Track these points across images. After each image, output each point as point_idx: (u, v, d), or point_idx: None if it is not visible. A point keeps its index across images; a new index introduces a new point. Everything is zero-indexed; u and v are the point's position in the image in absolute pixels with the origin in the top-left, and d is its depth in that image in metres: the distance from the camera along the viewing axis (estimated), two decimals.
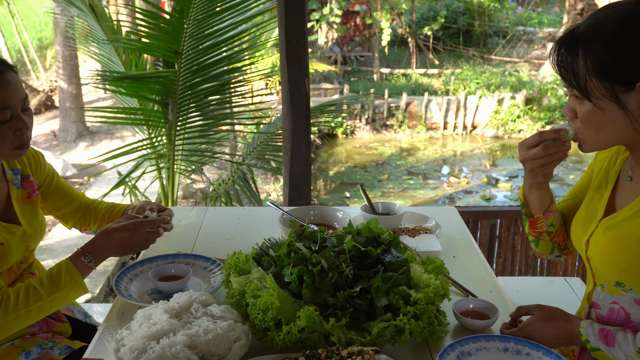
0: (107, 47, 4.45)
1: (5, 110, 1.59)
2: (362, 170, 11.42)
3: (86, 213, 2.08)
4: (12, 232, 1.73)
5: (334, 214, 2.18)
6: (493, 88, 14.01)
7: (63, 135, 11.27)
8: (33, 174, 1.89)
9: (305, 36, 3.54)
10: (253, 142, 4.98)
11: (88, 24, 4.53)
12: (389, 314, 1.43)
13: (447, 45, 18.08)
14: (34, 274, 1.88)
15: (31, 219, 1.83)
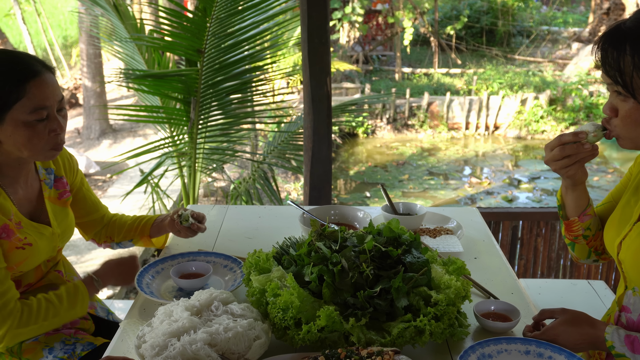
0: (131, 45, 4.49)
1: (42, 110, 1.61)
2: (382, 170, 11.39)
3: (109, 225, 2.08)
4: (41, 233, 1.76)
5: (355, 213, 2.18)
6: (516, 88, 13.87)
7: (87, 132, 11.40)
8: (66, 176, 1.92)
9: (327, 35, 3.53)
10: (274, 141, 4.99)
11: (112, 23, 4.58)
12: (409, 314, 1.43)
13: (470, 44, 17.94)
14: (59, 272, 1.91)
15: (62, 219, 1.86)
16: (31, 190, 1.79)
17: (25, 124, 1.60)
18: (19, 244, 1.69)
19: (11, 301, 1.62)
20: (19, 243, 1.68)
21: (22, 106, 1.58)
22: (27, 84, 1.58)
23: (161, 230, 2.02)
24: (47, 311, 1.66)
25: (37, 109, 1.60)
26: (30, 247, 1.71)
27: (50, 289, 1.83)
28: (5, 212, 1.66)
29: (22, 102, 1.58)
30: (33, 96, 1.59)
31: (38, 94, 1.60)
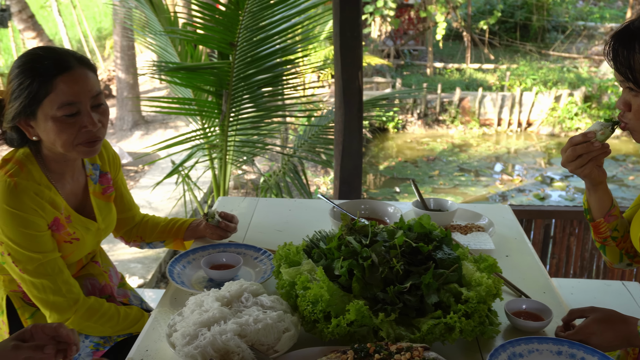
0: (164, 38, 4.54)
1: (71, 106, 1.61)
2: (412, 166, 11.32)
3: (140, 225, 2.11)
4: (88, 228, 1.80)
5: (385, 208, 2.17)
6: (550, 84, 13.64)
7: (119, 123, 11.57)
8: (111, 172, 1.95)
9: (359, 29, 3.52)
10: (304, 134, 5.00)
11: (145, 15, 4.62)
12: (439, 311, 1.42)
13: (504, 39, 17.69)
14: (97, 262, 1.95)
15: (106, 214, 1.90)
16: (77, 185, 1.83)
17: (54, 119, 1.61)
18: (68, 238, 1.73)
19: (75, 287, 1.71)
20: (67, 237, 1.73)
21: (51, 101, 1.59)
22: (55, 79, 1.59)
23: (195, 233, 2.04)
24: (111, 319, 1.77)
25: (65, 105, 1.60)
26: (78, 242, 1.75)
27: (88, 280, 1.87)
28: (56, 206, 1.70)
29: (50, 97, 1.59)
30: (61, 92, 1.59)
31: (66, 90, 1.60)
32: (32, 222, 1.63)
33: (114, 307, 1.80)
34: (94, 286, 1.89)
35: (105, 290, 1.92)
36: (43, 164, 1.71)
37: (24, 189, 1.62)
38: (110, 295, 1.92)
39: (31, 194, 1.63)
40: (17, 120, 1.63)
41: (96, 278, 1.91)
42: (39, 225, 1.65)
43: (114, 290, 1.96)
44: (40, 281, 1.66)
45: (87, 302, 1.73)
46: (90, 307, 1.73)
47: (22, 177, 1.64)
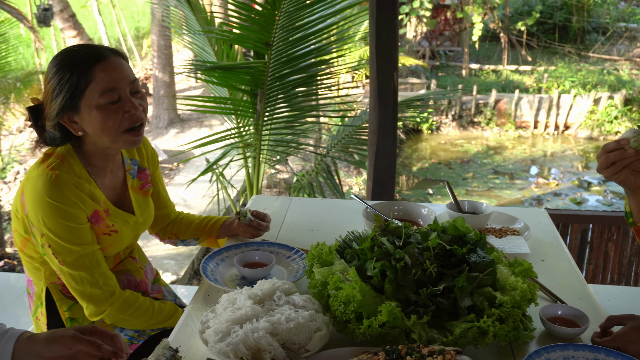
0: (201, 37, 4.58)
1: (112, 92, 1.65)
2: (446, 167, 11.23)
3: (175, 223, 2.14)
4: (126, 221, 1.83)
5: (419, 210, 2.15)
6: (589, 87, 13.38)
7: (155, 121, 11.73)
8: (149, 168, 1.98)
9: (396, 29, 3.50)
10: (338, 134, 5.00)
11: (184, 15, 4.68)
12: (472, 314, 1.40)
13: (542, 41, 17.41)
14: (134, 258, 1.98)
15: (144, 208, 1.93)
16: (116, 180, 1.86)
17: (97, 108, 1.64)
18: (107, 230, 1.76)
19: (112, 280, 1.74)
20: (106, 229, 1.76)
21: (92, 90, 1.63)
22: (93, 68, 1.63)
23: (229, 232, 2.06)
24: (145, 312, 1.79)
25: (107, 91, 1.64)
26: (116, 234, 1.79)
27: (125, 275, 1.91)
28: (95, 199, 1.73)
29: (91, 86, 1.63)
30: (101, 79, 1.63)
31: (105, 77, 1.64)
32: (72, 215, 1.66)
33: (148, 301, 1.83)
34: (130, 282, 1.92)
35: (140, 286, 1.95)
36: (84, 159, 1.75)
37: (65, 181, 1.66)
38: (144, 291, 1.95)
39: (71, 186, 1.67)
40: (61, 116, 1.66)
41: (132, 274, 1.94)
42: (78, 218, 1.68)
43: (148, 287, 1.98)
44: (78, 273, 1.69)
45: (123, 295, 1.76)
46: (126, 301, 1.76)
47: (63, 171, 1.68)
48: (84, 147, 1.75)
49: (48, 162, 1.68)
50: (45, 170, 1.66)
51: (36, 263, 1.80)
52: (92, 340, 1.32)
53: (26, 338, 1.35)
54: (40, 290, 1.85)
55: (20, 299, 3.76)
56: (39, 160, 1.72)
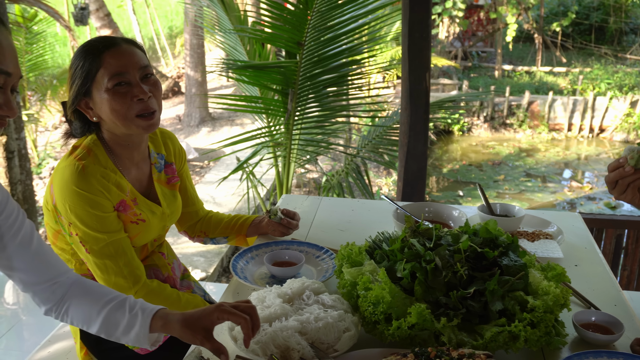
0: (233, 36, 4.62)
1: (120, 76, 1.68)
2: (477, 169, 11.11)
3: (204, 221, 2.15)
4: (153, 212, 1.86)
5: (450, 212, 2.13)
6: (626, 89, 13.10)
7: (187, 120, 11.85)
8: (176, 163, 2.01)
9: (428, 30, 3.48)
10: (368, 135, 4.99)
11: (216, 14, 4.72)
12: (503, 318, 1.38)
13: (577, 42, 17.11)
14: (162, 254, 2.00)
15: (170, 201, 1.95)
16: (142, 172, 1.89)
17: (107, 91, 1.68)
18: (134, 218, 1.79)
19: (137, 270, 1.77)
20: (133, 218, 1.79)
21: (102, 76, 1.68)
22: (103, 54, 1.68)
23: (258, 230, 2.07)
24: (172, 304, 1.80)
25: (115, 75, 1.68)
26: (144, 223, 1.81)
27: (152, 270, 1.93)
28: (122, 189, 1.77)
29: (101, 72, 1.68)
30: (109, 64, 1.68)
31: (114, 62, 1.68)
32: (99, 203, 1.70)
33: (176, 293, 1.85)
34: (157, 276, 1.94)
35: (168, 281, 1.96)
36: (108, 150, 1.79)
37: (91, 171, 1.70)
38: (172, 286, 1.97)
39: (98, 176, 1.71)
40: (77, 102, 1.73)
41: (160, 269, 1.96)
42: (104, 207, 1.71)
43: (176, 282, 2.00)
44: (103, 262, 1.73)
45: (149, 286, 1.78)
46: (152, 291, 1.78)
47: (90, 161, 1.72)
48: (105, 136, 1.79)
49: (75, 154, 1.73)
50: (72, 160, 1.71)
51: (67, 255, 1.84)
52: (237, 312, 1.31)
53: (161, 320, 1.37)
54: None
55: None
56: (67, 152, 1.77)
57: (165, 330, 1.37)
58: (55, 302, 1.45)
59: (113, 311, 1.41)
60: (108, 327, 1.40)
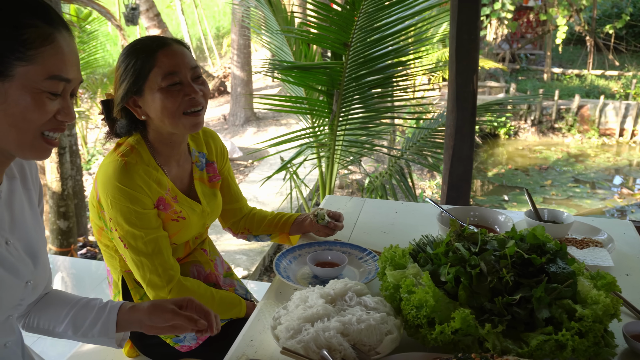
0: (280, 37, 4.65)
1: (173, 75, 1.71)
2: (523, 174, 10.91)
3: (248, 218, 2.17)
4: (193, 209, 1.89)
5: (496, 216, 2.10)
6: None
7: (232, 119, 11.99)
8: (217, 162, 2.03)
9: (477, 31, 3.43)
10: (413, 137, 4.95)
11: (263, 15, 4.76)
12: (550, 327, 1.35)
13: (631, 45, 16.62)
14: (205, 250, 2.03)
15: (210, 199, 1.98)
16: (183, 170, 1.92)
17: (160, 90, 1.71)
18: (174, 216, 1.82)
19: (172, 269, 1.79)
20: (174, 215, 1.82)
21: (155, 74, 1.71)
22: (157, 53, 1.71)
23: (301, 229, 2.08)
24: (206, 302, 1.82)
25: (168, 74, 1.71)
26: (184, 221, 1.84)
27: (195, 266, 1.95)
28: (162, 186, 1.80)
29: (154, 70, 1.71)
30: (162, 63, 1.71)
31: (167, 61, 1.71)
32: (139, 199, 1.73)
33: (209, 291, 1.86)
34: (200, 273, 1.97)
35: (210, 278, 1.99)
36: (151, 148, 1.82)
37: (133, 167, 1.74)
38: (215, 283, 1.99)
39: (140, 172, 1.74)
40: (126, 100, 1.75)
41: (202, 265, 1.98)
42: (144, 203, 1.74)
43: (219, 279, 2.02)
44: (139, 258, 1.76)
45: (183, 285, 1.80)
46: (186, 290, 1.80)
47: (132, 158, 1.76)
48: (150, 134, 1.82)
49: (119, 150, 1.77)
50: (116, 157, 1.75)
51: (111, 251, 1.88)
52: (189, 316, 1.40)
53: (129, 308, 1.45)
54: (117, 279, 1.93)
55: (99, 286, 3.93)
56: (111, 149, 1.81)
57: (132, 312, 1.44)
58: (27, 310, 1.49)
59: (81, 308, 1.47)
60: (75, 323, 1.45)
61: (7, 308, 1.28)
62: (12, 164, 1.34)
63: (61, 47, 1.16)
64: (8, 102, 1.12)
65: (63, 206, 5.43)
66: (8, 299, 1.27)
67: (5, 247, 1.26)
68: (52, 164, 5.24)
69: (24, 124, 1.14)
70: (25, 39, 1.11)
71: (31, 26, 1.12)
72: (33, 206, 1.40)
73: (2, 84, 1.11)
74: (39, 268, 1.36)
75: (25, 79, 1.12)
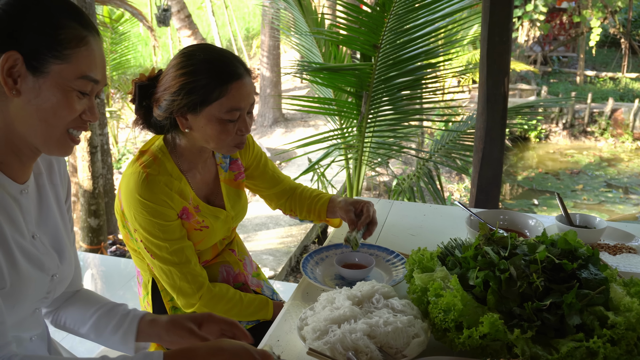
0: (309, 38, 4.65)
1: (236, 111, 1.70)
2: (554, 178, 10.75)
3: (292, 198, 2.16)
4: (217, 216, 1.89)
5: (526, 221, 2.07)
6: None
7: (261, 120, 12.05)
8: (241, 157, 2.02)
9: (509, 33, 3.39)
10: (441, 139, 4.92)
11: (293, 16, 4.77)
12: (581, 334, 1.33)
13: None
14: (233, 250, 2.03)
15: (235, 201, 1.98)
16: (208, 174, 1.92)
17: (218, 121, 1.69)
18: (197, 226, 1.83)
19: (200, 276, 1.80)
20: (197, 225, 1.82)
21: (221, 105, 1.67)
22: (230, 85, 1.67)
23: (335, 214, 2.04)
24: (235, 306, 1.84)
25: (232, 110, 1.69)
26: (207, 230, 1.85)
27: (223, 267, 1.96)
28: (184, 197, 1.80)
29: (221, 100, 1.67)
30: (232, 97, 1.68)
31: (237, 96, 1.68)
32: (161, 213, 1.73)
33: (237, 295, 1.87)
34: (229, 273, 1.98)
35: (239, 278, 1.99)
36: (177, 155, 1.81)
37: (155, 180, 1.73)
38: (243, 283, 2.00)
39: (161, 185, 1.73)
40: (179, 112, 1.71)
41: (231, 265, 1.99)
42: (167, 216, 1.74)
43: (247, 279, 2.03)
44: (168, 268, 1.76)
45: (212, 291, 1.81)
46: (216, 295, 1.82)
47: (154, 169, 1.74)
48: (182, 141, 1.79)
49: (141, 160, 1.76)
50: (138, 168, 1.74)
51: (140, 255, 1.89)
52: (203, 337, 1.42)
53: (149, 320, 1.47)
54: (147, 281, 1.94)
55: (128, 284, 3.98)
56: (134, 158, 1.80)
57: (152, 326, 1.46)
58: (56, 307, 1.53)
59: (105, 312, 1.49)
60: (98, 327, 1.48)
61: (33, 301, 1.31)
62: (39, 160, 1.37)
63: (93, 50, 1.21)
64: (41, 97, 1.17)
65: (94, 204, 5.52)
66: (34, 292, 1.29)
67: (31, 241, 1.29)
68: (84, 162, 5.33)
69: (54, 120, 1.19)
70: (62, 39, 1.16)
71: (68, 27, 1.17)
72: (60, 201, 1.43)
73: (36, 80, 1.15)
74: (64, 262, 1.39)
75: (59, 76, 1.17)
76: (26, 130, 1.19)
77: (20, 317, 1.29)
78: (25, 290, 1.25)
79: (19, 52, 1.13)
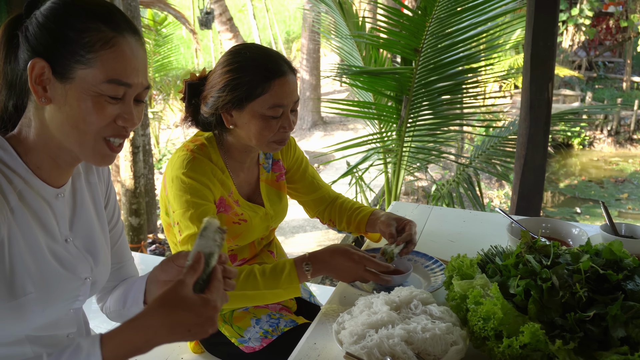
0: (349, 42, 4.66)
1: (279, 107, 1.72)
2: (597, 186, 10.50)
3: (332, 208, 2.15)
4: (255, 212, 1.90)
5: (569, 229, 2.03)
6: None
7: (300, 123, 12.11)
8: (283, 159, 2.03)
9: (554, 38, 3.33)
10: (482, 145, 4.86)
11: (334, 20, 4.78)
12: (625, 346, 1.29)
13: None
14: (272, 252, 2.04)
15: (275, 201, 1.99)
16: (250, 175, 1.94)
17: (261, 117, 1.71)
18: (235, 218, 1.84)
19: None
20: (235, 218, 1.84)
21: (264, 101, 1.70)
22: (273, 81, 1.69)
23: (375, 230, 2.02)
24: (247, 280, 1.70)
25: (276, 106, 1.71)
26: (245, 223, 1.85)
27: None
28: (225, 187, 1.82)
29: (264, 97, 1.70)
30: (275, 94, 1.70)
31: (280, 92, 1.70)
32: (199, 191, 1.73)
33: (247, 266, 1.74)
34: None
35: None
36: (224, 150, 1.84)
37: (200, 163, 1.76)
38: None
39: (205, 168, 1.76)
40: (224, 108, 1.75)
41: None
42: (205, 196, 1.74)
43: None
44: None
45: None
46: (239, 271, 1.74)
47: (201, 154, 1.78)
48: (228, 137, 1.83)
49: (190, 147, 1.80)
50: (185, 151, 1.77)
51: (178, 248, 1.90)
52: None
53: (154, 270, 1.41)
54: None
55: None
56: (182, 145, 1.83)
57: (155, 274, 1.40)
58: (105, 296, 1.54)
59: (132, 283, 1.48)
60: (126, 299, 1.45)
61: (65, 303, 1.30)
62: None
63: (123, 52, 1.15)
64: (69, 104, 1.14)
65: (135, 203, 5.62)
66: (64, 295, 1.28)
67: (64, 245, 1.28)
68: (126, 162, 5.44)
69: (84, 126, 1.15)
70: (86, 42, 1.12)
71: (93, 30, 1.13)
72: (97, 201, 1.41)
73: (63, 86, 1.13)
74: (99, 265, 1.37)
75: (85, 82, 1.13)
76: (62, 137, 1.17)
77: (53, 318, 1.28)
78: (55, 295, 1.24)
79: (44, 60, 1.11)
